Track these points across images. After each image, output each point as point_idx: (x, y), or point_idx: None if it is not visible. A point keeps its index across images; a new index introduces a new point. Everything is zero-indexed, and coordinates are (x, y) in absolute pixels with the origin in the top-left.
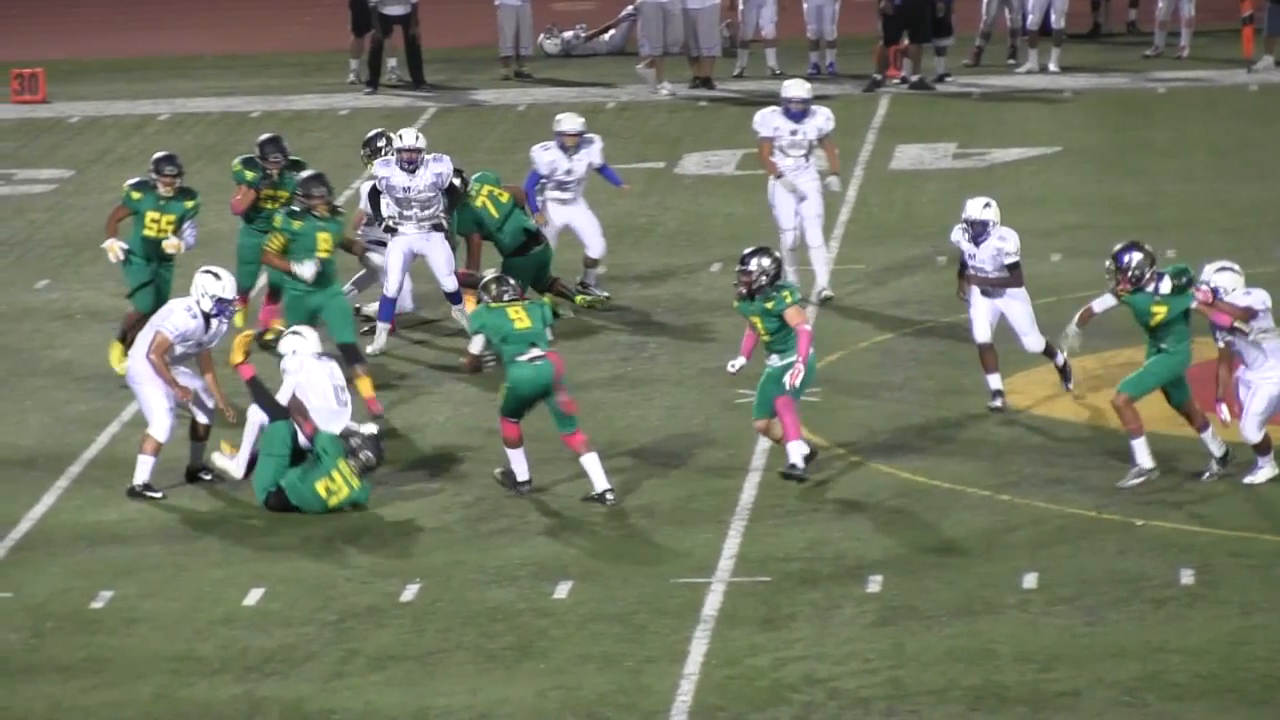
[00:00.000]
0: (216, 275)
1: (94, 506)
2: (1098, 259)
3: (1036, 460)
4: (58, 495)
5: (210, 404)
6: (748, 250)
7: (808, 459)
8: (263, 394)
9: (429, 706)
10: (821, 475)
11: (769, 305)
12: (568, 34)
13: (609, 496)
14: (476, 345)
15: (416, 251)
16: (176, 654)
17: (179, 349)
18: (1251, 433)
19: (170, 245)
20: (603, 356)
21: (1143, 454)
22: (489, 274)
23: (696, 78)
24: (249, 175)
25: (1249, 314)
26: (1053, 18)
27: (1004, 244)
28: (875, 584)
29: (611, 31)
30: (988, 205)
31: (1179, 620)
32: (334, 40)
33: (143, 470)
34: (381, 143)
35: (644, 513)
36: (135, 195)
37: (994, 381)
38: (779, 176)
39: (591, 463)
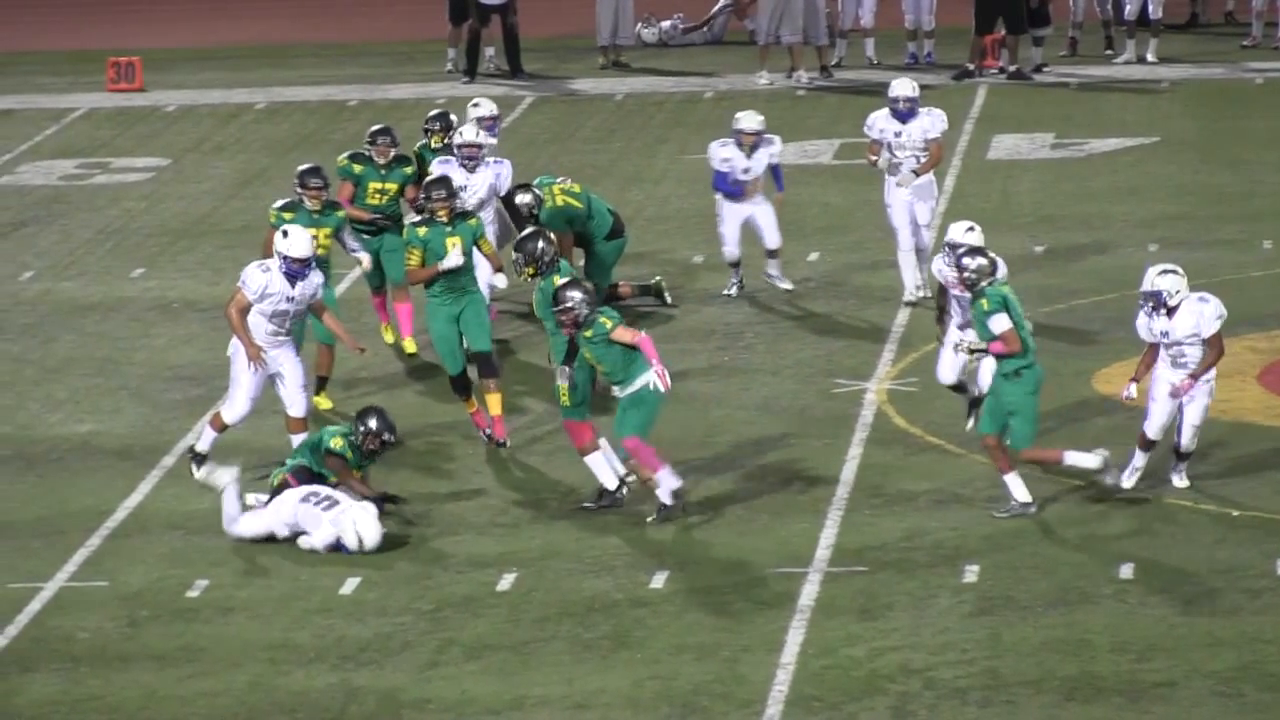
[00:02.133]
0: (285, 233)
1: (189, 495)
2: (1195, 249)
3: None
4: (153, 484)
5: (301, 387)
6: (558, 285)
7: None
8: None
9: (525, 696)
10: (918, 465)
11: (588, 334)
12: (665, 24)
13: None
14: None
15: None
16: (272, 643)
17: (271, 307)
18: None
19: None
20: (700, 346)
21: (1082, 460)
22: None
23: (800, 67)
24: (355, 169)
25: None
26: (1150, 8)
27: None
28: (972, 574)
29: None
30: (971, 229)
31: (1275, 610)
32: (432, 29)
33: (204, 439)
34: (437, 125)
35: (740, 502)
36: (287, 216)
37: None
38: (874, 164)
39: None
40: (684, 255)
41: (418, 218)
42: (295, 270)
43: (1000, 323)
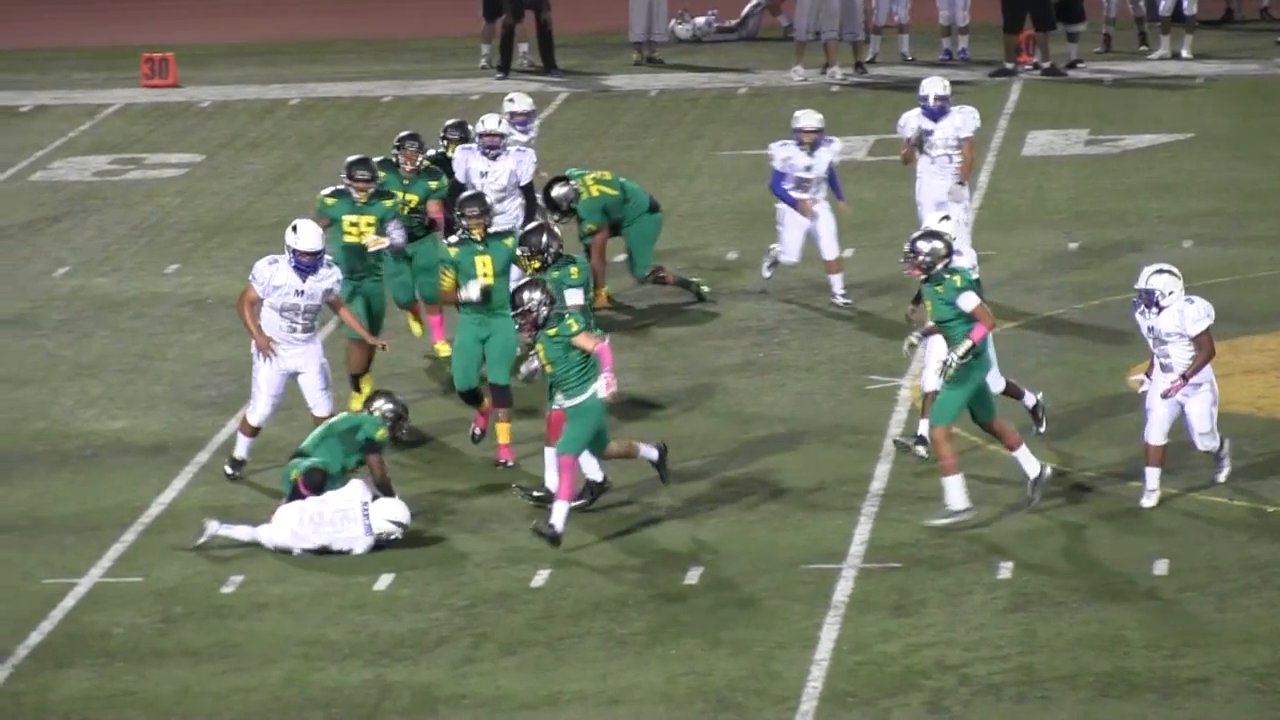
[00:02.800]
0: (294, 228)
1: (223, 492)
2: (1229, 245)
3: (1168, 447)
4: (187, 480)
5: (321, 389)
6: (515, 286)
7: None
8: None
9: (559, 692)
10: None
11: (551, 332)
12: (700, 20)
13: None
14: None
15: None
16: (306, 639)
17: (281, 300)
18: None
19: (372, 242)
20: (734, 343)
21: (953, 494)
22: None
23: (835, 63)
24: (380, 177)
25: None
26: (1185, 4)
27: (961, 259)
28: (1006, 570)
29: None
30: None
31: None
32: (466, 25)
33: (239, 446)
34: (455, 135)
35: (774, 498)
36: (330, 201)
37: (923, 427)
38: (906, 162)
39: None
40: (719, 251)
41: (454, 237)
42: (305, 264)
43: (970, 299)
